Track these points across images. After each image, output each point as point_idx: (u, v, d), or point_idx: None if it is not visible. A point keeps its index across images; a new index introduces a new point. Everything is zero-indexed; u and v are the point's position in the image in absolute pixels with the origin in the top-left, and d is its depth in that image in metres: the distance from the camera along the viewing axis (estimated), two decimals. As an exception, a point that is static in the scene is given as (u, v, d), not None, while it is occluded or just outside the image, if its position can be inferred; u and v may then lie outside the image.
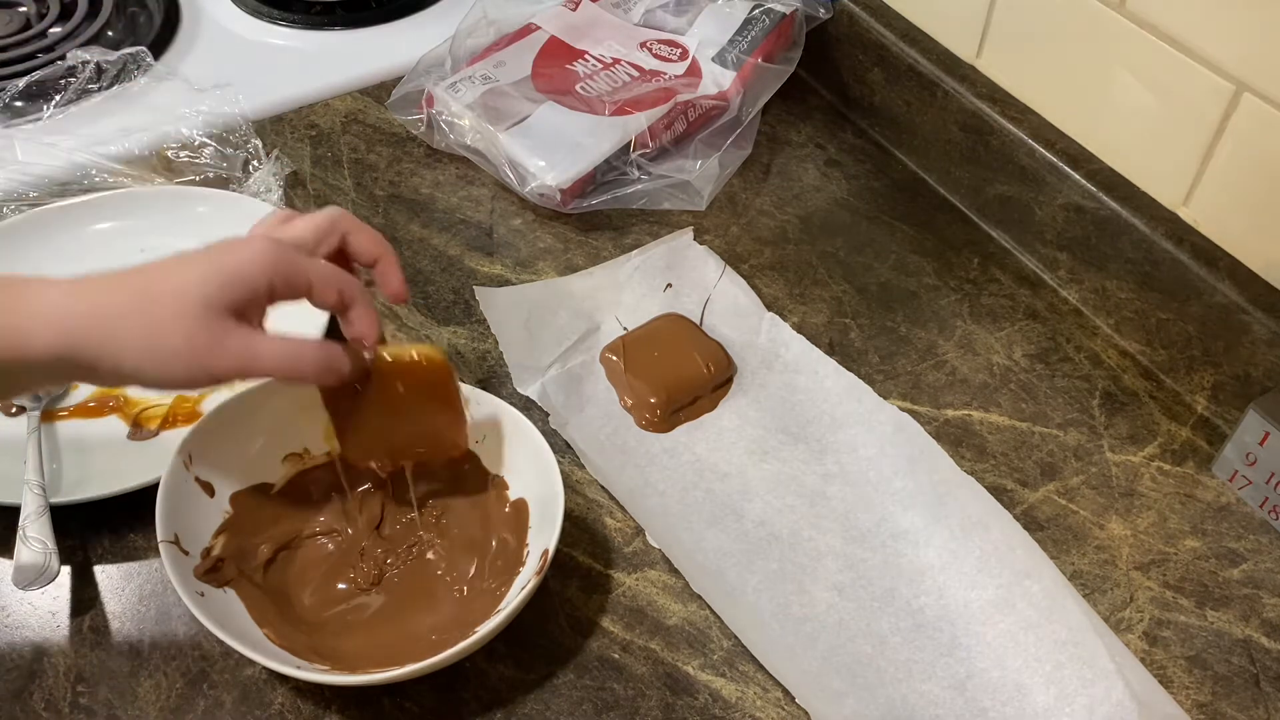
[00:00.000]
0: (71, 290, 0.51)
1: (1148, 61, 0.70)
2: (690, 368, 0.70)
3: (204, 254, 0.53)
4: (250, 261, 0.52)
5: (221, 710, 0.56)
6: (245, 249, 0.53)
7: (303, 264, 0.54)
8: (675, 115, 0.84)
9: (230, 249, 0.53)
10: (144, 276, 0.52)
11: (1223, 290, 0.69)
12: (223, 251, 0.53)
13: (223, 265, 0.52)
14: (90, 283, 0.51)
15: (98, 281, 0.51)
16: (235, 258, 0.52)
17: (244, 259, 0.52)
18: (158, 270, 0.52)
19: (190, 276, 0.51)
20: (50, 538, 0.59)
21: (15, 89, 0.85)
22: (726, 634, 0.60)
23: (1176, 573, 0.64)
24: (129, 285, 0.51)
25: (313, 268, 0.54)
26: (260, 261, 0.52)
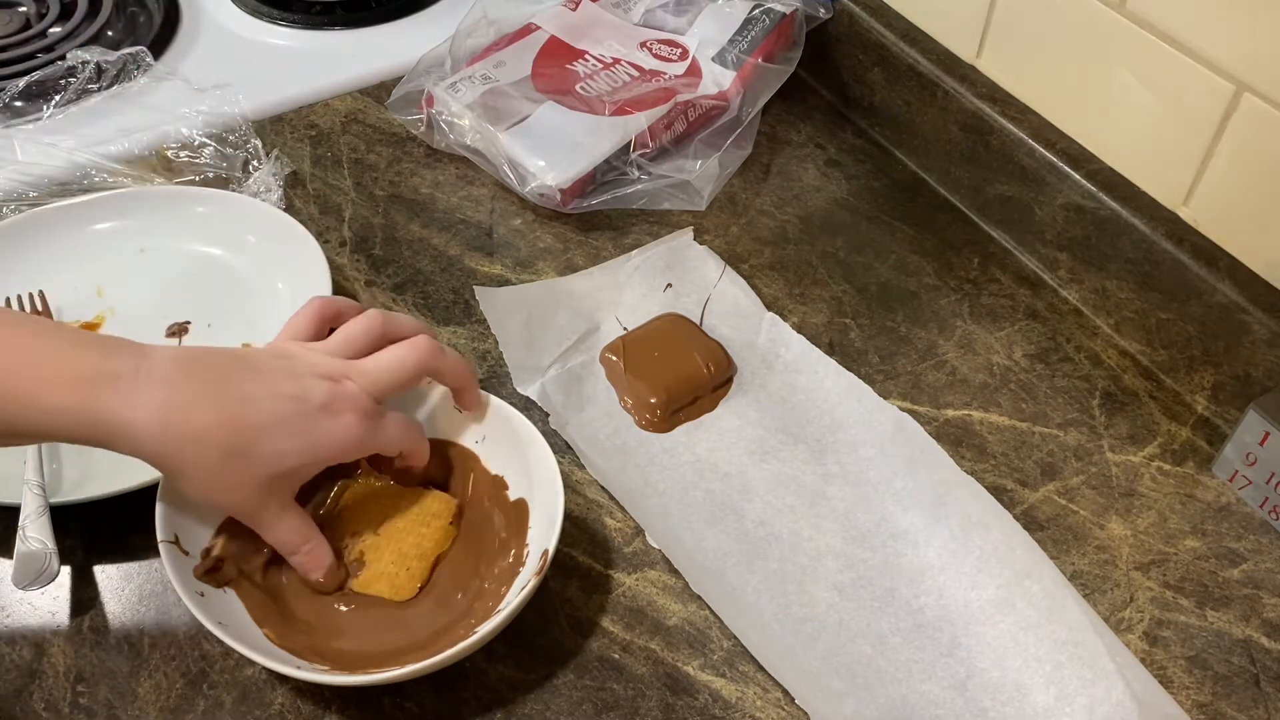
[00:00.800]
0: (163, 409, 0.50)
1: (1148, 61, 0.70)
2: (690, 368, 0.70)
3: (295, 417, 0.52)
4: (338, 450, 0.54)
5: (221, 710, 0.56)
6: (337, 427, 0.53)
7: (375, 444, 0.55)
8: (675, 115, 0.84)
9: (323, 423, 0.52)
10: (239, 425, 0.51)
11: (1223, 290, 0.69)
12: (315, 424, 0.52)
13: (313, 452, 0.53)
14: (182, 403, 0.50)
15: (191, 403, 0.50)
16: (329, 444, 0.53)
17: (335, 448, 0.53)
18: (246, 424, 0.51)
19: (279, 448, 0.52)
20: (50, 538, 0.58)
21: (15, 89, 0.85)
22: (726, 634, 0.60)
23: (1176, 573, 0.64)
24: (220, 430, 0.50)
25: (383, 442, 0.56)
26: (345, 448, 0.54)
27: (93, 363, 0.49)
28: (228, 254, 0.77)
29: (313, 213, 0.81)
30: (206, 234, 0.77)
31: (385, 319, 0.57)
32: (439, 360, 0.57)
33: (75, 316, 0.73)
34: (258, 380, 0.52)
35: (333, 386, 0.53)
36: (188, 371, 0.51)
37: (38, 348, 0.49)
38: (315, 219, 0.81)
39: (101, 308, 0.73)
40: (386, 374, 0.55)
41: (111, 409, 0.49)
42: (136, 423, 0.49)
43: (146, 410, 0.49)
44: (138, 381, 0.49)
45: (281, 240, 0.75)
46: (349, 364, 0.55)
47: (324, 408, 0.52)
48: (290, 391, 0.52)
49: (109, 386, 0.49)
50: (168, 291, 0.74)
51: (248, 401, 0.51)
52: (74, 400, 0.48)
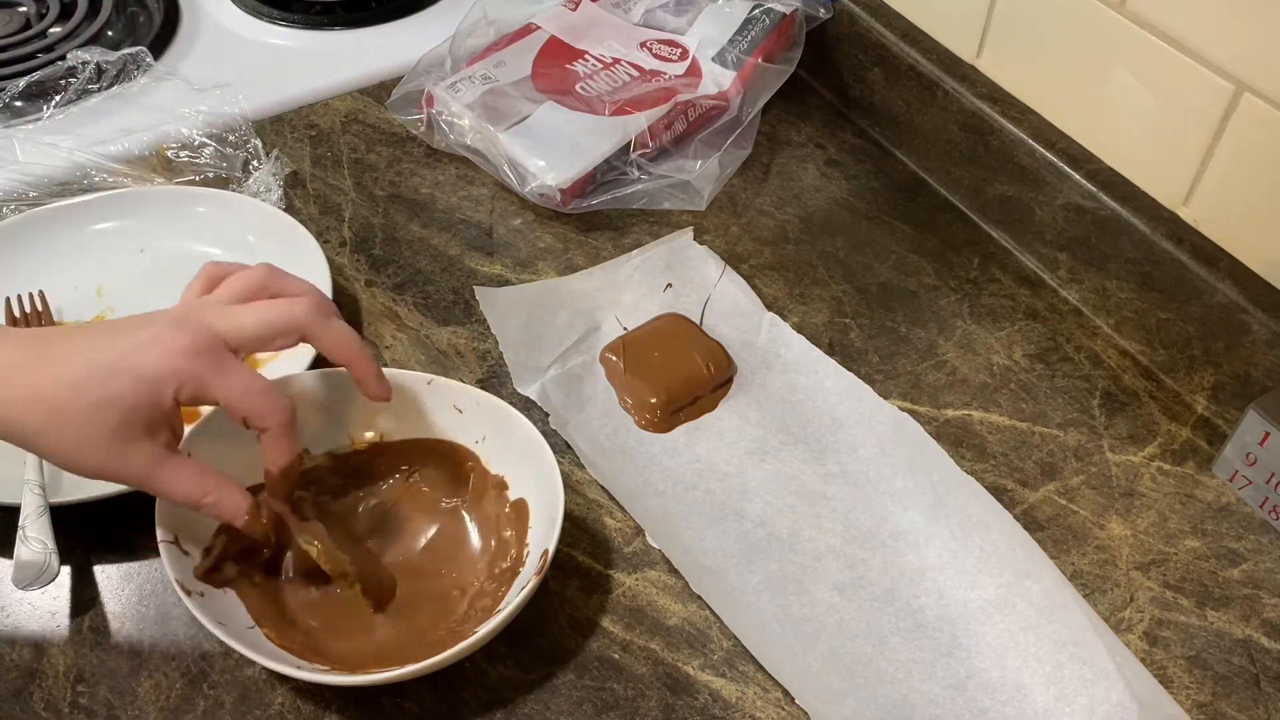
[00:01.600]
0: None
1: (1148, 61, 0.70)
2: (690, 368, 0.70)
3: (110, 352, 0.49)
4: (170, 380, 0.50)
5: (221, 710, 0.56)
6: (153, 348, 0.49)
7: (214, 380, 0.51)
8: (675, 115, 0.84)
9: (140, 351, 0.49)
10: (56, 387, 0.48)
11: (1223, 290, 0.69)
12: (132, 357, 0.49)
13: (138, 385, 0.49)
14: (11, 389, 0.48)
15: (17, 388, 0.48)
16: (155, 370, 0.49)
17: (152, 366, 0.49)
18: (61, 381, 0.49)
19: (101, 397, 0.48)
20: (50, 538, 0.58)
21: (15, 89, 0.85)
22: (726, 634, 0.60)
23: (1176, 573, 0.64)
24: (42, 399, 0.48)
25: (223, 385, 0.51)
26: (164, 369, 0.50)
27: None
28: (228, 254, 0.76)
29: (313, 213, 0.81)
30: (206, 234, 0.77)
31: (271, 272, 0.54)
32: (314, 323, 0.53)
33: (75, 316, 0.73)
34: (71, 337, 0.50)
35: (167, 322, 0.51)
36: (15, 342, 0.50)
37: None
38: (315, 219, 0.81)
39: (101, 308, 0.73)
40: (249, 319, 0.52)
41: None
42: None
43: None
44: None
45: (281, 240, 0.75)
46: (220, 307, 0.52)
47: (151, 341, 0.50)
48: (109, 338, 0.50)
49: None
50: (168, 291, 0.73)
51: (58, 359, 0.49)
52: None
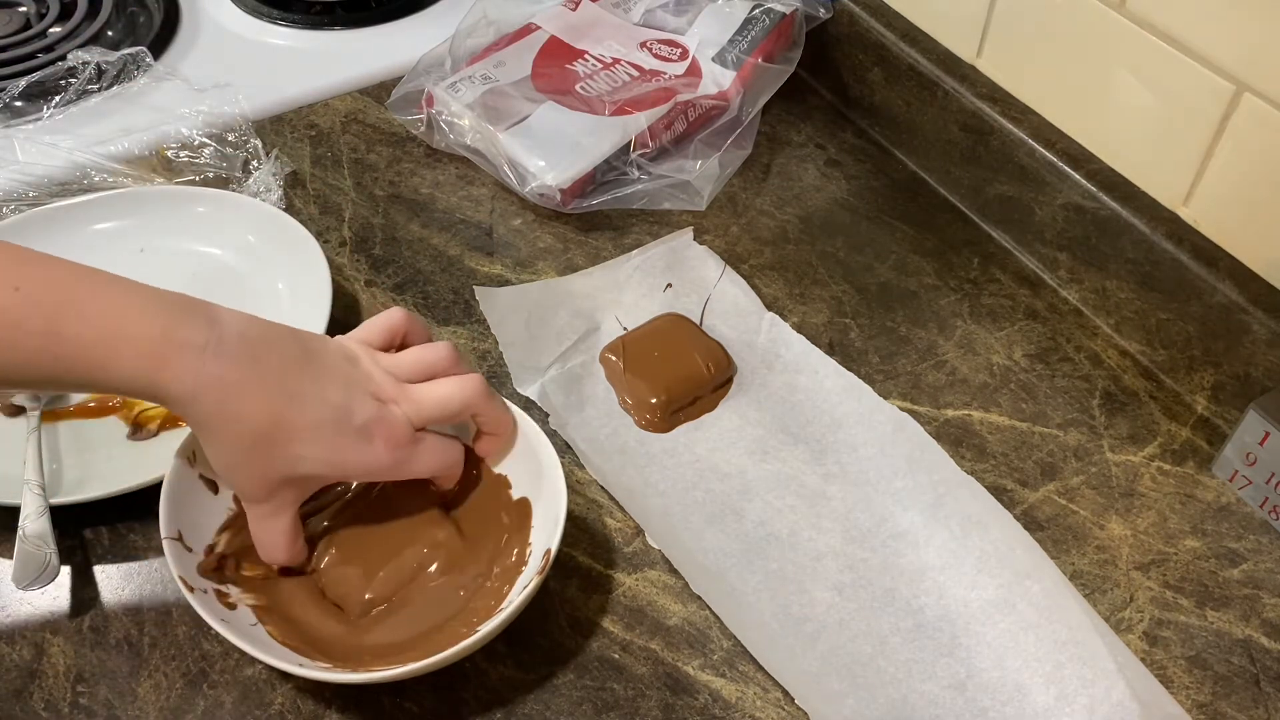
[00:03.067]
0: (219, 387, 0.51)
1: (1148, 61, 0.70)
2: (690, 368, 0.70)
3: (331, 432, 0.53)
4: (356, 473, 0.56)
5: (221, 710, 0.56)
6: (364, 455, 0.54)
7: (399, 472, 0.56)
8: (675, 115, 0.84)
9: (353, 448, 0.54)
10: (279, 420, 0.52)
11: (1223, 290, 0.69)
12: (345, 445, 0.53)
13: (333, 467, 0.54)
14: (237, 384, 0.51)
15: (245, 387, 0.52)
16: (349, 463, 0.54)
17: (359, 470, 0.55)
18: (286, 422, 0.52)
19: (305, 453, 0.53)
20: (50, 538, 0.59)
21: (15, 89, 0.85)
22: (726, 634, 0.60)
23: (1176, 573, 0.64)
24: (261, 418, 0.52)
25: (410, 471, 0.57)
26: (365, 473, 0.56)
27: (165, 330, 0.50)
28: (228, 254, 0.77)
29: (313, 213, 0.81)
30: (206, 234, 0.77)
31: (455, 354, 0.59)
32: (484, 403, 0.58)
33: (75, 316, 0.73)
34: (312, 380, 0.53)
35: (378, 409, 0.54)
36: (254, 354, 0.52)
37: (116, 313, 0.50)
38: (315, 219, 0.81)
39: (101, 308, 0.73)
40: (432, 406, 0.56)
41: (174, 380, 0.50)
42: (195, 396, 0.51)
43: (205, 385, 0.51)
44: (204, 356, 0.51)
45: (281, 240, 0.75)
46: (403, 387, 0.56)
47: (361, 429, 0.54)
48: (336, 400, 0.53)
49: (176, 357, 0.50)
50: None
51: (295, 399, 0.52)
52: (142, 369, 0.50)
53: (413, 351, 0.58)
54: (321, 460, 0.53)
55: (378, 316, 0.59)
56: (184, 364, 0.50)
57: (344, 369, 0.55)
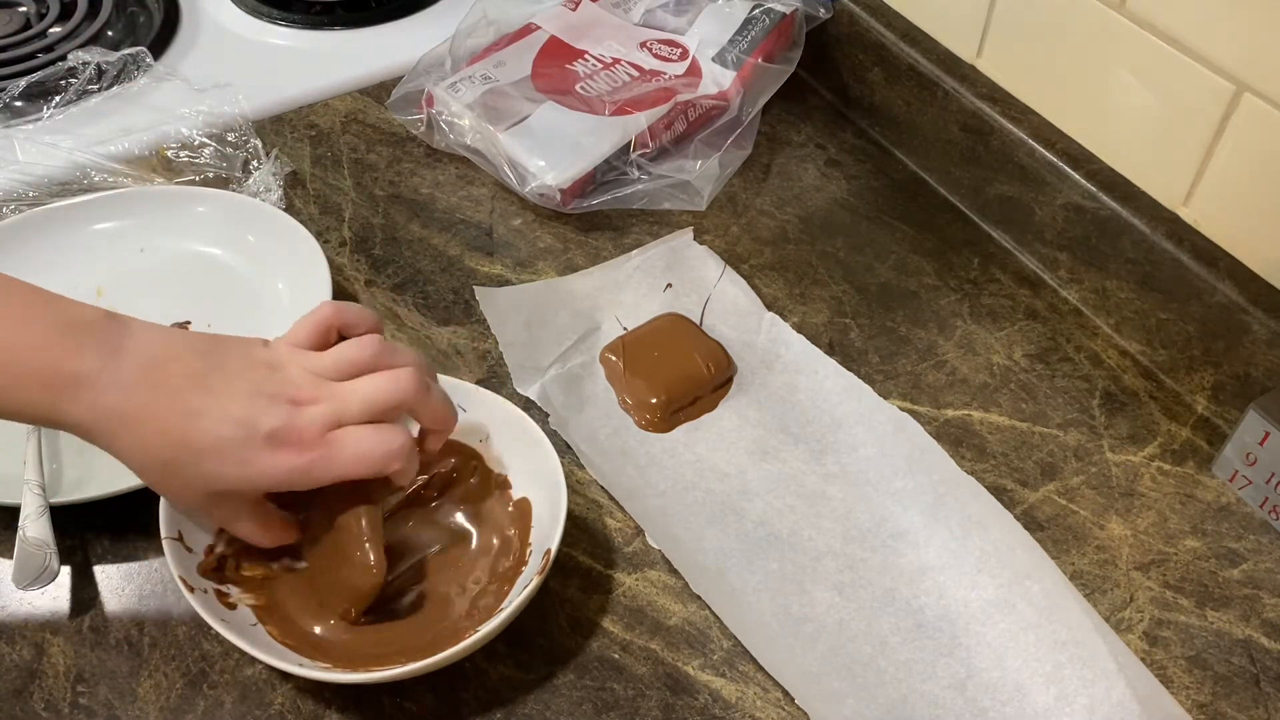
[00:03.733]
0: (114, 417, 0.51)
1: (1148, 61, 0.70)
2: (690, 368, 0.70)
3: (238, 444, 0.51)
4: (275, 485, 0.53)
5: (221, 710, 0.56)
6: (275, 464, 0.52)
7: (319, 474, 0.53)
8: (675, 115, 0.84)
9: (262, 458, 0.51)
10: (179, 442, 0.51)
11: (1223, 290, 0.69)
12: (254, 456, 0.51)
13: (249, 479, 0.52)
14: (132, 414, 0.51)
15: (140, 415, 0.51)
16: (262, 474, 0.52)
17: (270, 481, 0.52)
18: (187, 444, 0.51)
19: (216, 472, 0.52)
20: (50, 538, 0.58)
21: (16, 89, 0.85)
22: (726, 634, 0.60)
23: (1176, 573, 0.64)
24: (160, 445, 0.51)
25: (330, 472, 0.53)
26: (283, 484, 0.53)
27: (60, 362, 0.50)
28: (228, 254, 0.77)
29: (313, 213, 0.81)
30: (206, 234, 0.77)
31: (383, 349, 0.56)
32: (419, 400, 0.55)
33: (75, 316, 0.73)
34: (215, 395, 0.52)
35: (287, 414, 0.52)
36: (150, 380, 0.51)
37: (13, 342, 0.50)
38: (315, 219, 0.81)
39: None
40: (359, 404, 0.53)
41: (71, 413, 0.51)
42: (93, 427, 0.51)
43: (101, 418, 0.51)
44: (97, 388, 0.50)
45: (281, 240, 0.75)
46: (325, 386, 0.54)
47: (268, 438, 0.51)
48: (238, 413, 0.51)
49: (71, 390, 0.50)
50: (168, 291, 0.74)
51: (194, 419, 0.51)
52: (39, 400, 0.50)
53: (335, 350, 0.55)
54: (233, 477, 0.52)
55: (305, 316, 0.57)
56: (78, 397, 0.50)
57: (253, 377, 0.53)
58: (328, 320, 0.56)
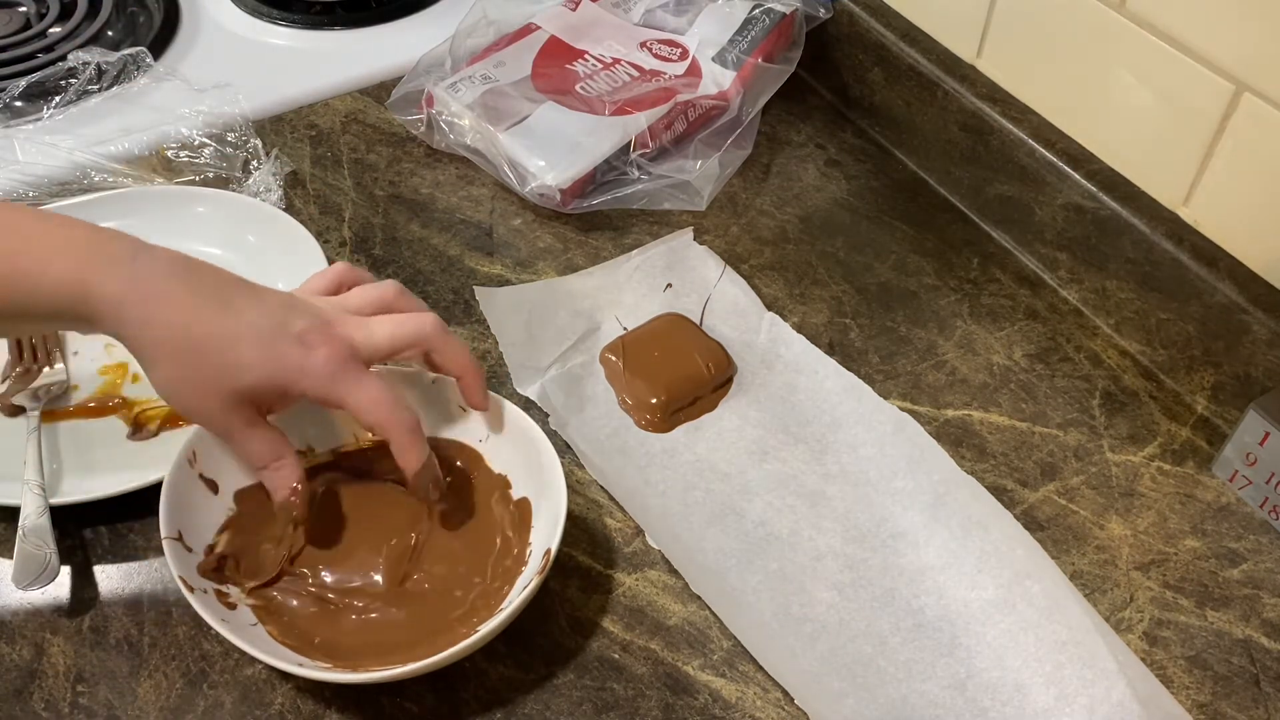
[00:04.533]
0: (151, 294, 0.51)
1: (1148, 61, 0.70)
2: (690, 368, 0.70)
3: (264, 337, 0.52)
4: (301, 378, 0.53)
5: (221, 710, 0.56)
6: (304, 356, 0.52)
7: (348, 391, 0.54)
8: (675, 115, 0.84)
9: (290, 350, 0.52)
10: (206, 331, 0.52)
11: (1223, 290, 0.69)
12: (281, 348, 0.52)
13: (272, 371, 0.52)
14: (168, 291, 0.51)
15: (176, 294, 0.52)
16: (288, 366, 0.52)
17: (296, 373, 0.53)
18: (222, 329, 0.52)
19: (241, 361, 0.52)
20: (50, 538, 0.59)
21: (15, 89, 0.85)
22: (726, 634, 0.60)
23: (1176, 573, 0.64)
24: (189, 333, 0.52)
25: (352, 396, 0.54)
26: (311, 378, 0.53)
27: (93, 241, 0.51)
28: (228, 254, 0.76)
29: (313, 213, 0.81)
30: (206, 234, 0.77)
31: (401, 290, 0.58)
32: (439, 339, 0.56)
33: (75, 316, 0.73)
34: (248, 294, 0.53)
35: (317, 321, 0.53)
36: (187, 267, 0.53)
37: (41, 228, 0.51)
38: (315, 219, 0.81)
39: (101, 308, 0.73)
40: (384, 336, 0.55)
41: (107, 285, 0.50)
42: (127, 301, 0.51)
43: (133, 292, 0.51)
44: (135, 264, 0.51)
45: (281, 240, 0.75)
46: (348, 314, 0.55)
47: (300, 336, 0.52)
48: (273, 312, 0.53)
49: (109, 265, 0.51)
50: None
51: (228, 306, 0.52)
52: (76, 274, 0.50)
53: (358, 290, 0.57)
54: (261, 366, 0.52)
55: (321, 271, 0.59)
56: (112, 270, 0.50)
57: (282, 295, 0.55)
58: (341, 275, 0.58)
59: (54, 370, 0.68)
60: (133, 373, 0.70)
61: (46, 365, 0.68)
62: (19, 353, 0.69)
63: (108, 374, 0.69)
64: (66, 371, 0.69)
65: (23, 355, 0.68)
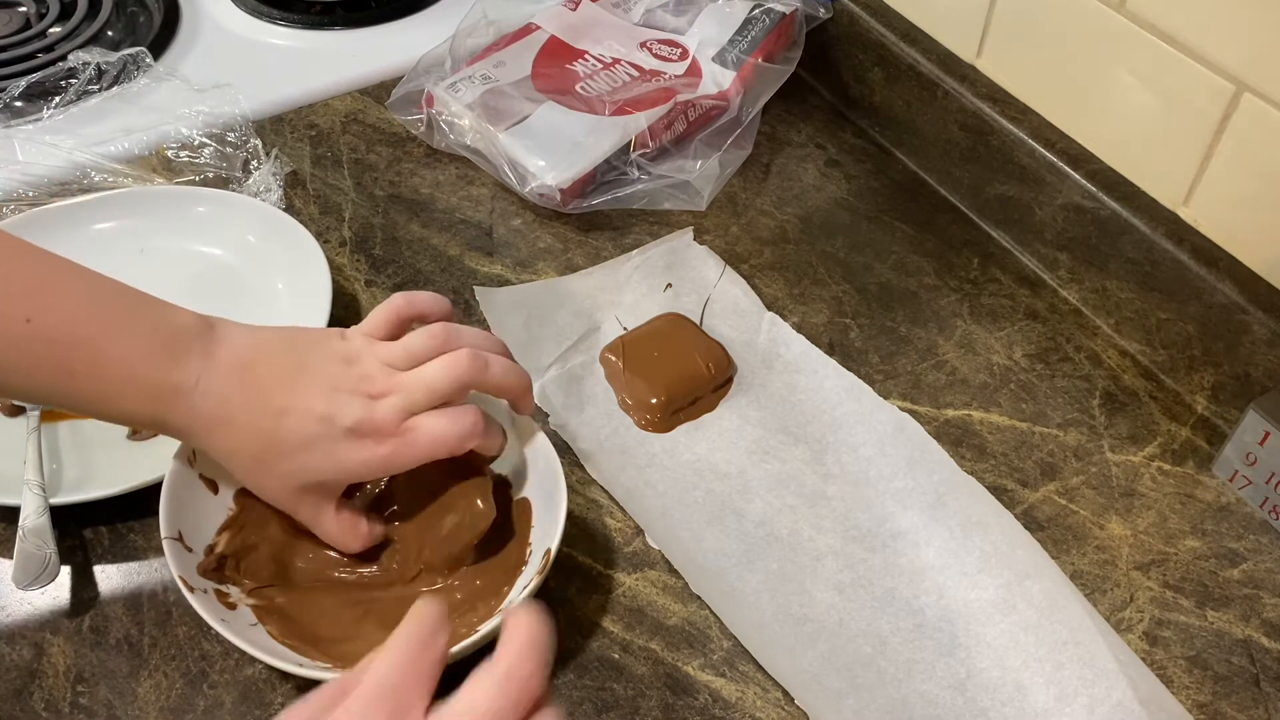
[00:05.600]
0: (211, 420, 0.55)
1: (1148, 61, 0.70)
2: (690, 368, 0.70)
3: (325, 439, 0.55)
4: (361, 475, 0.57)
5: (221, 710, 0.56)
6: (363, 454, 0.55)
7: (401, 462, 0.56)
8: (675, 115, 0.84)
9: (351, 450, 0.55)
10: (269, 441, 0.55)
11: (1223, 290, 0.69)
12: (342, 449, 0.55)
13: (339, 472, 0.56)
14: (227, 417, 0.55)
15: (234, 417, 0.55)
16: (350, 467, 0.56)
17: (357, 471, 0.56)
18: (277, 444, 0.55)
19: (307, 465, 0.55)
20: (50, 538, 0.59)
21: (16, 89, 0.85)
22: (726, 634, 0.60)
23: (1176, 573, 0.64)
24: (253, 443, 0.55)
25: (412, 458, 0.56)
26: (368, 474, 0.57)
27: (162, 375, 0.54)
28: (228, 254, 0.77)
29: (313, 213, 0.81)
30: (206, 234, 0.77)
31: (447, 335, 0.59)
32: (476, 376, 0.58)
33: (75, 316, 0.72)
34: (300, 394, 0.55)
35: (364, 408, 0.55)
36: (241, 381, 0.55)
37: (123, 358, 0.54)
38: (315, 219, 0.81)
39: (101, 308, 0.73)
40: (422, 392, 0.56)
41: (172, 419, 0.55)
42: (192, 430, 0.55)
43: (198, 423, 0.55)
44: (195, 395, 0.54)
45: (281, 240, 0.75)
46: (395, 377, 0.57)
47: (350, 431, 0.55)
48: (321, 411, 0.55)
49: (170, 400, 0.54)
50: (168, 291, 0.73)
51: (282, 418, 0.55)
52: (146, 410, 0.54)
53: (405, 340, 0.59)
54: (323, 468, 0.56)
55: (381, 306, 0.60)
56: (177, 405, 0.54)
57: (332, 371, 0.56)
58: (399, 311, 0.60)
59: (54, 370, 0.68)
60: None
61: (46, 365, 0.68)
62: (19, 353, 0.69)
63: (108, 374, 0.69)
64: (66, 371, 0.69)
65: (23, 355, 0.68)
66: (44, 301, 0.53)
